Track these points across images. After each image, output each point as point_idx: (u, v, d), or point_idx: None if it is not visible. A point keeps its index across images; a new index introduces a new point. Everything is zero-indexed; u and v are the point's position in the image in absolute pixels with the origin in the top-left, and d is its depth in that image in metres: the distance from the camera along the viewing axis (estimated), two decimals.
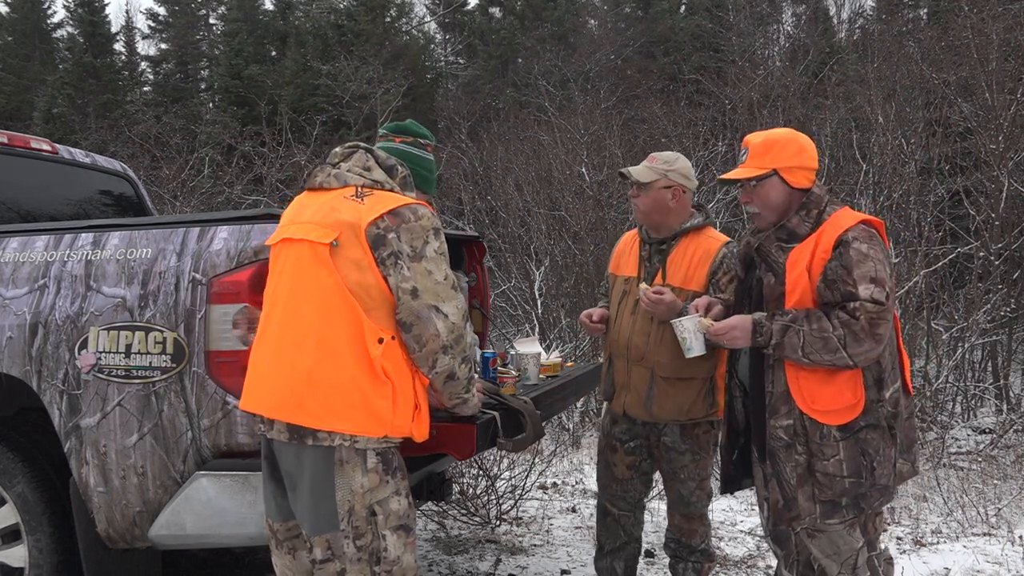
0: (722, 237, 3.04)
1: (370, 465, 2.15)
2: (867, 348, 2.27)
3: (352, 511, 2.15)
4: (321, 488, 2.15)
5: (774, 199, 2.47)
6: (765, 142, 2.49)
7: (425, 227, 2.16)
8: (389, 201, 2.17)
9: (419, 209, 2.18)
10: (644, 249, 3.08)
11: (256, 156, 11.22)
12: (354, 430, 2.11)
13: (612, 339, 3.09)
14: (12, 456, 2.84)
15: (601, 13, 23.22)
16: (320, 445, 2.12)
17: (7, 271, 2.82)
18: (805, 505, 2.39)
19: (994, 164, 8.03)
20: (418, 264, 2.12)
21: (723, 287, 2.90)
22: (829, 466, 2.35)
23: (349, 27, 19.04)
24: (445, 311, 2.14)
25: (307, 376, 2.10)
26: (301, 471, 2.17)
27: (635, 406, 3.00)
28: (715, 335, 2.50)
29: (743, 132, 9.50)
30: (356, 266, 2.10)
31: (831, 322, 2.28)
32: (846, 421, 2.34)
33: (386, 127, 2.48)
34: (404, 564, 2.22)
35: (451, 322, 2.15)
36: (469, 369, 2.25)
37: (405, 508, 2.23)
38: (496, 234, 10.08)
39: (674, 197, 2.97)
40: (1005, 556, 4.03)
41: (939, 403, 7.50)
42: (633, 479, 3.14)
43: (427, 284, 2.12)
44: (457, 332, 2.16)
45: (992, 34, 8.48)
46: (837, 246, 2.33)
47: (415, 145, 2.43)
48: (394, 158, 2.33)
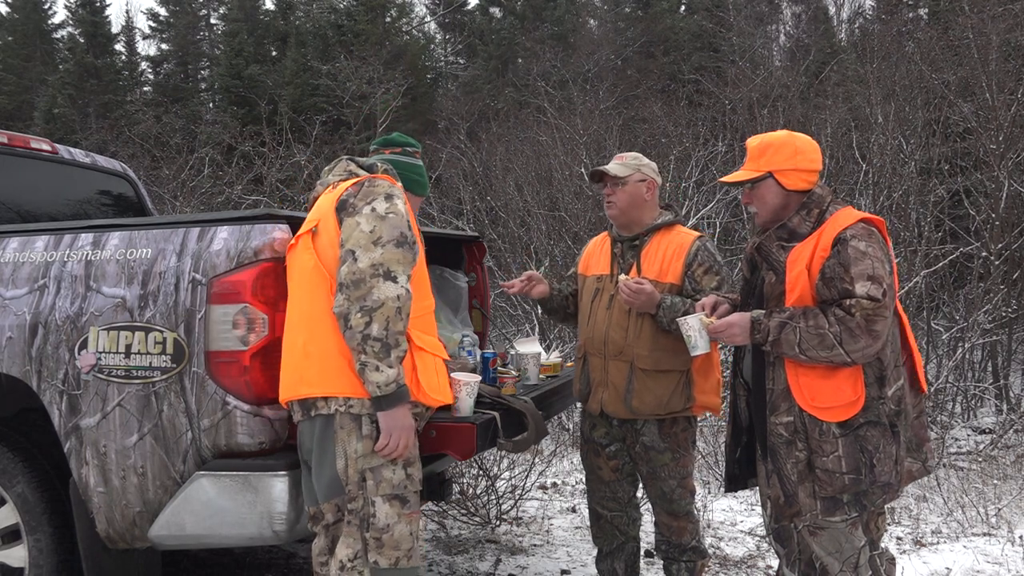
0: (694, 232, 3.09)
1: (365, 432, 2.28)
2: (863, 345, 2.28)
3: (349, 476, 2.28)
4: (325, 455, 2.31)
5: (770, 201, 2.52)
6: (761, 145, 2.55)
7: (377, 191, 2.31)
8: (357, 178, 2.38)
9: (377, 180, 2.36)
10: (616, 247, 3.09)
11: (256, 156, 11.22)
12: (348, 392, 2.26)
13: (587, 337, 3.08)
14: (12, 456, 2.84)
15: (601, 13, 23.19)
16: (321, 414, 2.28)
17: (7, 271, 2.82)
18: (806, 501, 2.40)
19: (994, 164, 8.04)
20: (351, 218, 2.27)
21: (699, 279, 2.93)
22: (828, 463, 2.36)
23: (349, 27, 19.02)
24: (356, 256, 2.21)
25: (303, 351, 2.30)
26: (312, 443, 2.34)
27: (613, 402, 2.99)
28: (714, 332, 2.53)
29: (743, 132, 9.53)
30: (331, 244, 2.30)
31: (827, 319, 2.30)
32: (846, 418, 2.35)
33: (375, 143, 2.70)
34: (396, 534, 2.27)
35: (357, 266, 2.20)
36: (378, 329, 2.15)
37: (401, 478, 2.29)
38: (496, 234, 10.08)
39: (648, 190, 3.05)
40: (1005, 556, 4.03)
41: (939, 403, 7.50)
42: (620, 480, 3.14)
43: (352, 233, 2.25)
44: (358, 276, 2.18)
45: (992, 34, 8.48)
46: (835, 244, 2.36)
47: (404, 154, 2.63)
48: (375, 159, 2.54)
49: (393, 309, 2.18)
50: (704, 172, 8.91)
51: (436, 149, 12.59)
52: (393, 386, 2.19)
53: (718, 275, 2.95)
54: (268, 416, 2.48)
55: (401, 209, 2.29)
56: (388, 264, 2.20)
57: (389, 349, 2.18)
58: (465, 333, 3.50)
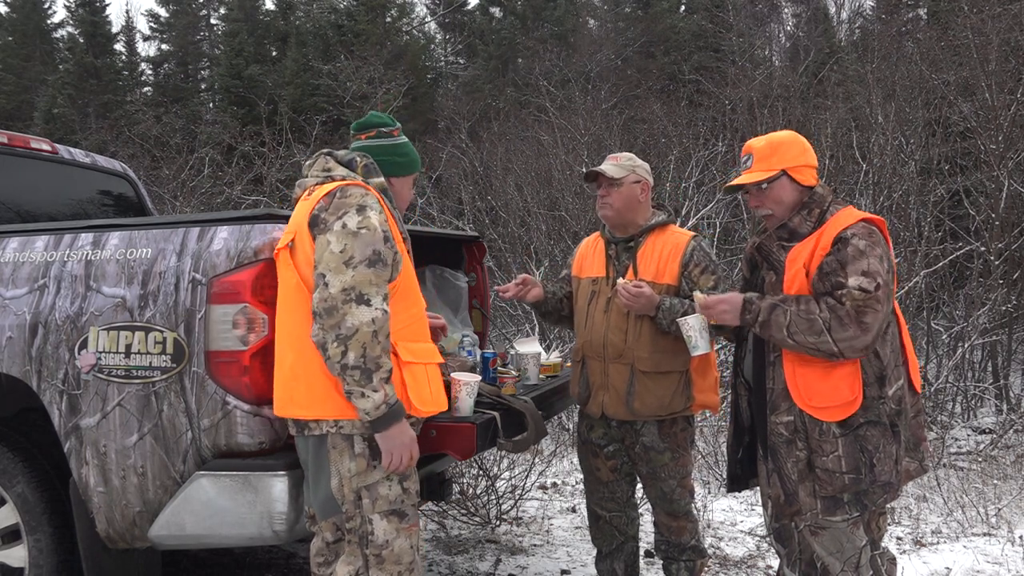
0: (688, 232, 3.09)
1: (357, 450, 2.26)
2: (851, 335, 2.28)
3: (344, 495, 2.28)
4: (320, 474, 2.32)
5: (787, 198, 2.50)
6: (769, 144, 2.53)
7: (349, 203, 2.21)
8: (328, 187, 2.28)
9: (349, 189, 2.25)
10: (611, 249, 3.08)
11: (256, 156, 11.22)
12: (337, 415, 2.23)
13: (584, 340, 3.07)
14: (12, 456, 2.84)
15: (601, 13, 23.18)
16: (314, 434, 2.29)
17: (7, 271, 2.82)
18: (806, 501, 2.40)
19: (994, 164, 8.04)
20: (323, 236, 2.19)
21: (695, 279, 2.93)
22: (828, 462, 2.36)
23: (350, 27, 19.01)
24: (327, 280, 2.14)
25: (291, 372, 2.28)
26: (307, 460, 2.35)
27: (614, 405, 2.98)
28: (704, 307, 2.53)
29: (743, 132, 9.53)
30: (307, 262, 2.24)
31: (819, 305, 2.32)
32: (843, 418, 2.35)
33: (352, 127, 2.56)
34: (396, 549, 2.26)
35: (328, 292, 2.13)
36: (355, 357, 2.10)
37: (398, 494, 2.28)
38: (496, 234, 10.07)
39: (643, 192, 3.03)
40: (1005, 556, 4.03)
41: (939, 403, 7.50)
42: (618, 480, 3.14)
43: (322, 254, 2.18)
44: (329, 303, 2.12)
45: (992, 34, 8.48)
46: (836, 242, 2.37)
47: (379, 136, 2.49)
48: (354, 152, 2.43)
49: (368, 334, 2.10)
50: (704, 172, 8.89)
51: (436, 149, 12.59)
52: (383, 408, 2.14)
53: (714, 274, 2.95)
54: (268, 416, 2.48)
55: (374, 221, 2.19)
56: (360, 287, 2.12)
57: (370, 374, 2.11)
58: (465, 333, 3.51)
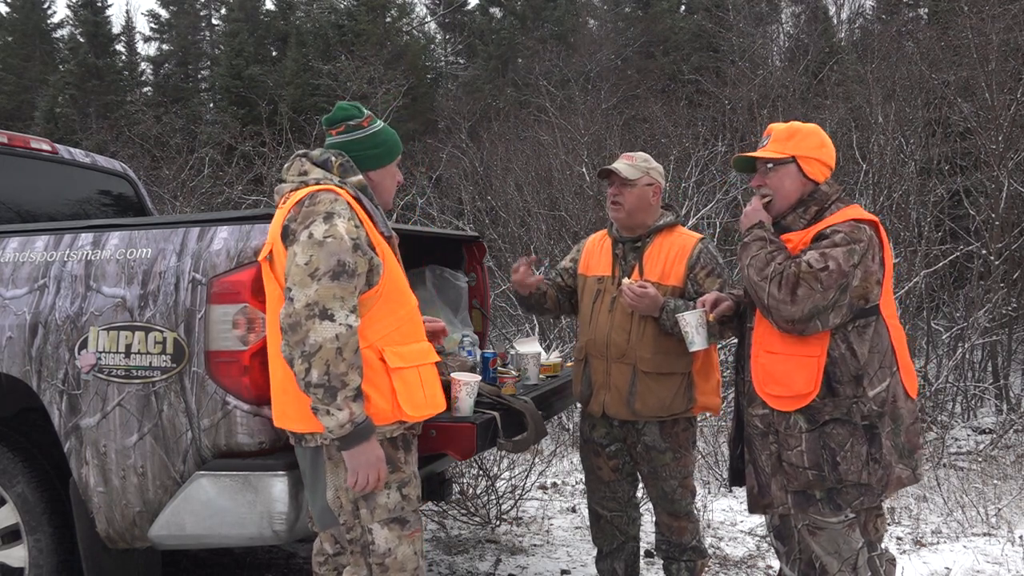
0: (695, 234, 3.09)
1: None
2: (781, 298, 2.31)
3: (342, 506, 2.26)
4: (316, 486, 2.32)
5: (787, 186, 2.49)
6: (790, 129, 2.54)
7: (317, 211, 2.15)
8: (300, 194, 2.23)
9: (319, 195, 2.19)
10: (618, 248, 3.08)
11: (256, 156, 11.22)
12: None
13: (588, 339, 3.07)
14: (12, 456, 2.84)
15: (601, 13, 23.17)
16: (310, 446, 2.28)
17: (7, 271, 2.82)
18: (777, 494, 2.42)
19: (994, 164, 8.04)
20: (292, 247, 2.15)
21: (701, 282, 2.93)
22: (792, 456, 2.38)
23: (350, 27, 19.01)
24: (292, 295, 2.09)
25: (281, 386, 2.26)
26: (304, 470, 2.36)
27: (615, 405, 2.99)
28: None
29: (743, 133, 9.53)
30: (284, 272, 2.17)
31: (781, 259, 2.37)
32: (795, 408, 2.36)
33: (322, 122, 2.48)
34: (400, 556, 2.24)
35: (293, 307, 2.07)
36: (318, 375, 2.05)
37: (397, 501, 2.25)
38: (496, 234, 10.07)
39: (655, 194, 3.03)
40: (1005, 556, 4.03)
41: (939, 403, 7.50)
42: (619, 480, 3.14)
43: (290, 267, 2.13)
44: (294, 319, 2.06)
45: (992, 34, 8.47)
46: (816, 238, 2.39)
47: (348, 130, 2.39)
48: (328, 152, 2.36)
49: (332, 351, 2.04)
50: (704, 172, 8.90)
51: (436, 149, 12.59)
52: (348, 427, 2.07)
53: (720, 277, 2.94)
54: (268, 416, 2.48)
55: (341, 230, 2.12)
56: (324, 302, 2.06)
57: (335, 392, 2.05)
58: (465, 333, 3.51)
